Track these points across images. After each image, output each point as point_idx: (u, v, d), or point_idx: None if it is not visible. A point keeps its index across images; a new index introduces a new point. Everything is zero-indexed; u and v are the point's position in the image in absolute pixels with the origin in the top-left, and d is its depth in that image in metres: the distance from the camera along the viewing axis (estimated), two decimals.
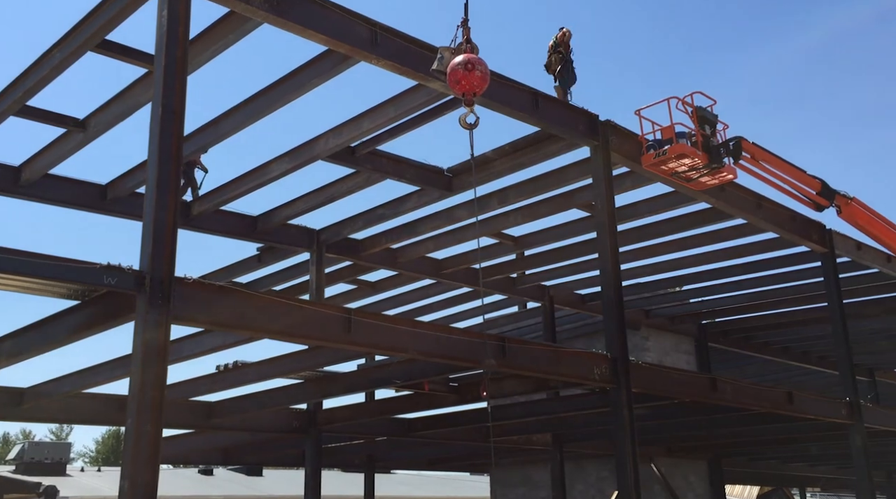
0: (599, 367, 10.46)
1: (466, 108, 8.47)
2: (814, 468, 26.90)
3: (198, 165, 13.63)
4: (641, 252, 16.32)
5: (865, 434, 14.44)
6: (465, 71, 8.28)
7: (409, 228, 15.32)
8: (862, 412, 14.57)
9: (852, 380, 14.88)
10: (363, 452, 19.75)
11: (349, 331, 8.44)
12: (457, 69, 8.35)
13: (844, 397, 14.68)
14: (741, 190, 13.61)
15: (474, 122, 8.47)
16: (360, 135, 11.29)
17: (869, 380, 25.43)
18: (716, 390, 12.26)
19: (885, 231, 13.68)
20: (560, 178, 13.08)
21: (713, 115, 11.97)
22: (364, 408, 15.57)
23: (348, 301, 18.96)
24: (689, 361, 21.47)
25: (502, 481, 23.59)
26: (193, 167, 13.70)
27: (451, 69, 8.42)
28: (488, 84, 8.48)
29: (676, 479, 20.60)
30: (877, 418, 15.22)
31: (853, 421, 14.42)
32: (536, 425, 16.21)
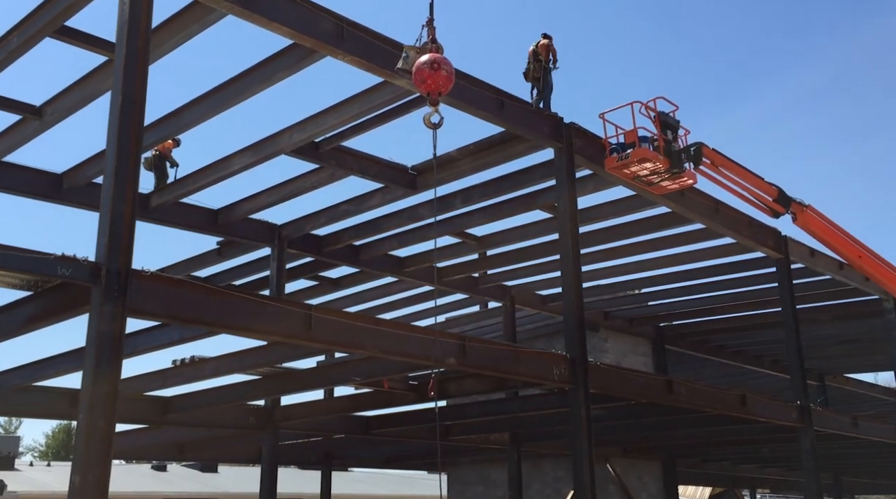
0: (558, 367, 10.55)
1: (431, 108, 8.47)
2: (764, 470, 27.47)
3: (168, 159, 13.49)
4: (602, 254, 16.48)
5: (814, 437, 14.79)
6: (430, 70, 8.28)
7: (373, 226, 15.27)
8: (811, 416, 14.90)
9: (803, 384, 15.22)
10: (320, 449, 19.65)
11: (309, 328, 8.39)
12: (423, 68, 8.35)
13: (795, 401, 15.01)
14: (700, 195, 13.83)
15: (438, 121, 8.48)
16: (324, 130, 11.22)
17: (819, 384, 26.06)
18: (671, 392, 12.45)
19: (838, 239, 14.00)
20: (524, 179, 13.15)
21: (675, 121, 12.13)
22: (322, 405, 15.47)
23: (309, 298, 18.83)
24: (646, 362, 21.76)
25: (459, 480, 23.66)
26: (165, 160, 13.55)
27: (417, 68, 8.42)
28: (453, 84, 8.50)
29: (631, 479, 20.87)
30: (825, 421, 15.59)
31: (803, 424, 14.75)
32: (495, 425, 16.28)
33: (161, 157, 13.43)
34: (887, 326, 18.44)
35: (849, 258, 14.18)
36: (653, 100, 11.83)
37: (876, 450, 19.38)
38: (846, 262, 14.91)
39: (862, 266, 14.12)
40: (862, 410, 28.17)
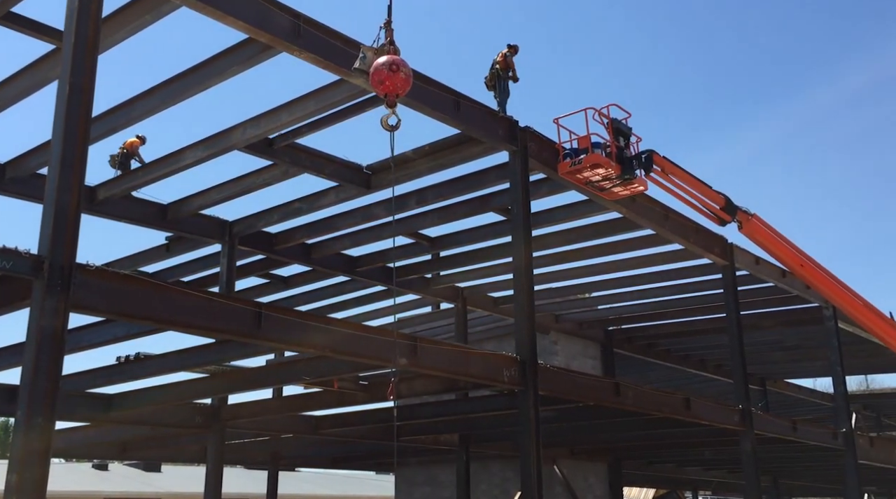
0: (509, 369, 10.62)
1: (388, 110, 8.46)
2: (707, 472, 28.05)
3: (136, 156, 13.25)
4: (554, 258, 16.64)
5: (755, 440, 15.16)
6: (389, 72, 8.27)
7: (326, 224, 15.17)
8: (752, 420, 15.27)
9: (745, 388, 15.58)
10: (268, 449, 19.44)
11: (259, 326, 8.30)
12: (381, 69, 8.33)
13: (737, 405, 15.36)
14: (651, 202, 14.07)
15: (396, 123, 8.47)
16: (278, 127, 11.10)
17: (760, 389, 26.74)
18: (619, 395, 12.63)
19: (782, 248, 14.37)
20: (478, 181, 13.21)
21: (627, 128, 12.33)
22: (271, 404, 15.31)
23: (259, 296, 18.61)
24: (594, 365, 22.04)
25: (407, 480, 23.64)
26: (131, 158, 13.32)
27: (375, 69, 8.39)
28: (411, 87, 8.51)
29: (577, 480, 21.11)
30: (766, 425, 15.99)
31: (744, 427, 15.10)
32: (444, 426, 16.31)
33: (127, 155, 13.20)
34: (826, 333, 19.00)
35: (791, 266, 14.57)
36: (606, 107, 12.02)
37: (813, 453, 19.95)
38: (789, 270, 15.32)
39: (804, 274, 14.51)
40: (801, 414, 28.99)
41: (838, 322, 18.64)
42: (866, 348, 21.28)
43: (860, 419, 29.46)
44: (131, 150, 13.08)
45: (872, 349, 20.98)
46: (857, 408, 30.64)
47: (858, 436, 18.85)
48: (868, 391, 48.80)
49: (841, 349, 18.76)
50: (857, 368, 27.93)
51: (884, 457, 19.89)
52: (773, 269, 17.08)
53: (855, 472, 18.07)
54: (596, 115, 11.90)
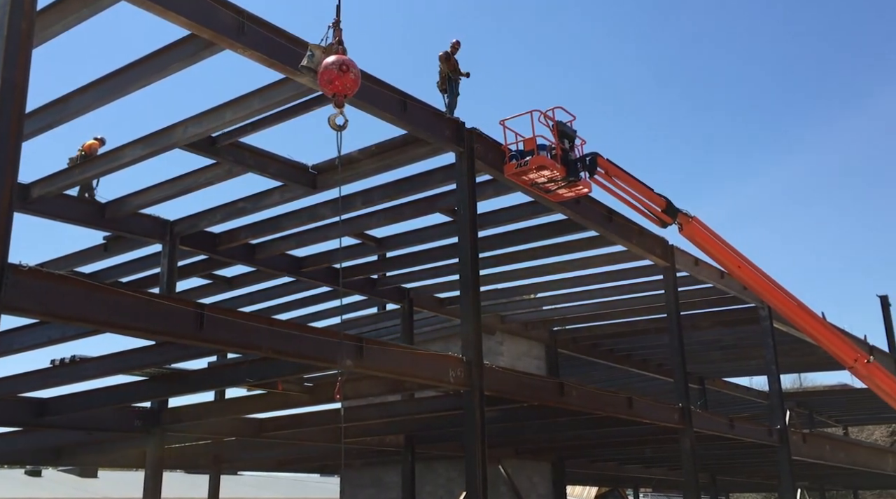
0: (455, 370, 10.64)
1: (336, 110, 8.42)
2: (647, 470, 28.60)
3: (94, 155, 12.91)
4: (500, 259, 16.76)
5: (694, 438, 15.51)
6: (339, 72, 8.23)
7: (271, 224, 14.98)
8: (692, 418, 15.63)
9: (685, 387, 15.93)
10: (209, 452, 19.10)
11: (201, 327, 8.15)
12: (330, 69, 8.28)
13: (677, 403, 15.70)
14: (595, 203, 14.29)
15: (343, 124, 8.45)
16: (221, 125, 10.91)
17: (699, 388, 27.38)
18: (563, 395, 12.78)
19: (720, 250, 14.73)
20: (425, 182, 13.21)
21: (572, 130, 12.49)
22: (213, 407, 15.03)
23: (202, 296, 18.28)
24: (539, 366, 22.26)
25: (352, 483, 23.51)
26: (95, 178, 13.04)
27: (325, 69, 8.33)
28: (359, 87, 8.49)
29: (522, 479, 21.30)
30: (705, 423, 16.38)
31: (684, 426, 15.44)
32: (390, 427, 16.27)
33: (86, 157, 12.82)
34: (762, 332, 19.56)
35: (729, 268, 14.95)
36: (551, 109, 12.15)
37: (749, 450, 20.51)
38: (727, 271, 15.71)
39: (741, 276, 14.90)
40: (737, 412, 29.77)
41: (773, 322, 19.20)
42: (800, 348, 21.98)
43: (794, 417, 30.43)
44: (90, 152, 12.71)
45: (806, 348, 21.67)
46: (791, 406, 31.66)
47: (792, 433, 19.44)
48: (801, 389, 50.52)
49: (776, 348, 19.32)
50: (791, 366, 28.85)
51: (816, 453, 20.57)
52: (711, 270, 17.51)
53: (789, 468, 18.64)
54: (541, 117, 12.02)
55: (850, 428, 44.90)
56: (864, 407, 34.86)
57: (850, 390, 36.63)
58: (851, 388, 36.62)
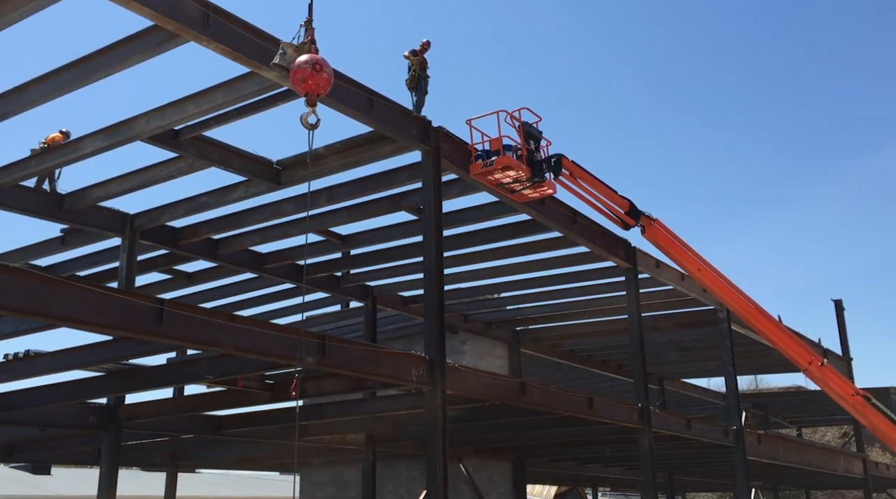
0: (417, 368, 10.64)
1: (308, 108, 8.41)
2: (606, 469, 28.89)
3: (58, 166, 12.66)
4: (464, 258, 16.79)
5: (653, 438, 15.70)
6: (312, 71, 8.21)
7: (233, 220, 14.81)
8: (651, 418, 15.82)
9: (644, 387, 16.13)
10: (167, 450, 18.84)
11: (160, 323, 8.03)
12: (304, 68, 8.26)
13: (637, 404, 15.88)
14: (559, 205, 14.39)
15: (316, 122, 8.45)
16: (184, 118, 10.76)
17: (659, 388, 27.74)
18: (524, 394, 12.85)
19: (681, 252, 14.93)
20: (390, 180, 13.18)
21: (538, 132, 12.56)
22: (171, 404, 14.81)
23: (161, 292, 18.01)
24: (502, 365, 22.35)
25: (312, 481, 23.35)
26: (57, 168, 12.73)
27: (298, 67, 8.30)
28: (332, 87, 8.47)
29: (482, 478, 21.36)
30: (663, 423, 16.59)
31: (643, 425, 15.63)
32: (351, 425, 16.20)
33: (49, 150, 12.53)
34: (720, 334, 19.89)
35: (690, 270, 15.16)
36: (518, 110, 12.20)
37: (706, 450, 20.83)
38: (687, 274, 15.93)
39: (701, 278, 15.12)
40: (695, 412, 30.22)
41: (731, 325, 19.53)
42: (756, 350, 22.39)
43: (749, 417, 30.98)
44: (52, 145, 12.44)
45: (762, 350, 22.09)
46: (747, 407, 32.25)
47: (748, 433, 19.80)
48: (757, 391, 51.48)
49: (733, 350, 19.65)
50: (748, 368, 29.36)
51: (770, 453, 20.97)
52: (672, 272, 17.75)
53: (744, 467, 18.97)
54: (508, 118, 12.07)
55: (804, 429, 45.88)
56: (817, 409, 35.66)
57: (804, 391, 37.43)
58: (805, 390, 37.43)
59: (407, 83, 11.98)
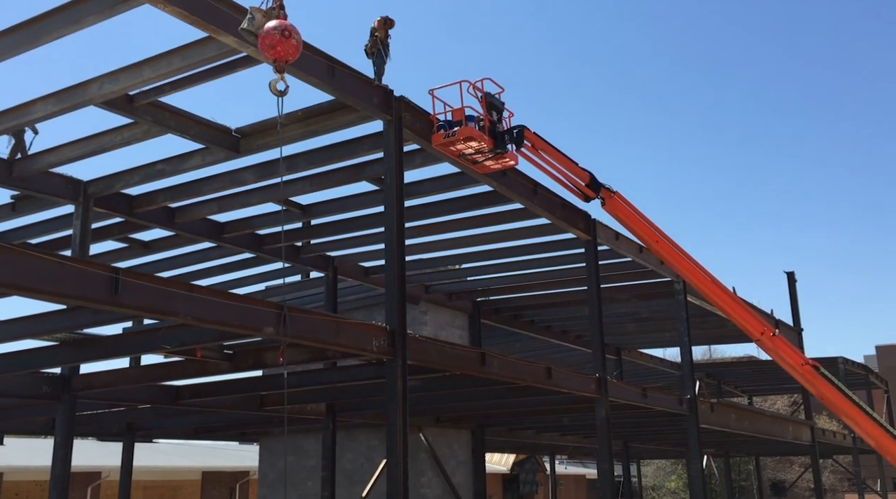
0: (378, 338, 10.65)
1: (277, 75, 8.30)
2: (564, 438, 29.42)
3: (29, 125, 12.19)
4: (425, 229, 16.76)
5: (609, 407, 15.99)
6: (280, 37, 8.06)
7: (191, 188, 14.56)
8: (607, 387, 16.10)
9: (602, 358, 16.38)
10: (123, 419, 18.66)
11: (115, 292, 7.89)
12: (272, 34, 8.10)
13: (595, 374, 16.14)
14: (521, 176, 14.41)
15: (285, 89, 8.37)
16: (140, 83, 10.48)
17: (616, 358, 28.22)
18: (484, 364, 12.95)
19: (640, 224, 15.10)
20: (351, 149, 13.05)
21: (501, 103, 12.52)
22: (127, 374, 14.64)
23: (117, 260, 17.69)
24: (462, 335, 22.50)
25: (272, 450, 23.39)
26: (24, 127, 12.26)
27: (266, 33, 8.14)
28: (300, 54, 8.35)
29: (441, 447, 21.60)
30: (619, 392, 16.90)
31: (600, 395, 15.90)
32: (312, 395, 16.20)
33: None
34: (676, 306, 20.25)
35: (648, 243, 15.35)
36: (480, 80, 12.13)
37: (661, 418, 21.31)
38: (645, 246, 16.13)
39: (658, 250, 15.33)
40: (651, 382, 30.89)
41: (687, 296, 19.89)
42: (711, 321, 22.87)
43: (703, 387, 31.74)
44: None
45: (716, 321, 22.57)
46: (701, 376, 33.07)
47: (701, 402, 20.28)
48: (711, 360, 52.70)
49: (689, 321, 20.04)
50: (702, 338, 30.06)
51: (722, 421, 21.53)
52: (631, 244, 17.96)
53: (697, 435, 19.46)
54: (470, 88, 12.00)
55: (755, 398, 47.19)
56: (768, 378, 36.68)
57: (756, 361, 38.43)
58: (757, 359, 38.43)
59: (367, 49, 11.80)
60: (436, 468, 21.08)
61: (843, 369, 31.47)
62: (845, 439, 33.18)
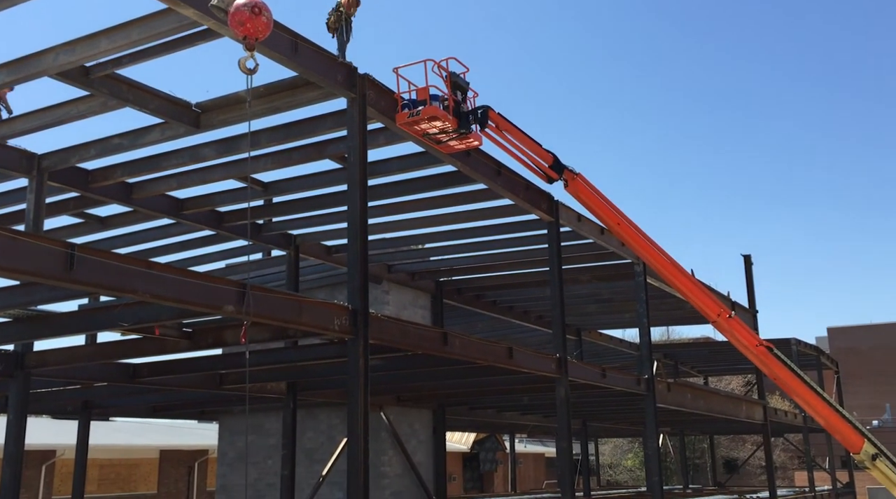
0: (340, 318, 10.62)
1: (246, 52, 8.18)
2: (524, 417, 29.74)
3: (2, 101, 11.77)
4: (388, 208, 16.70)
5: (569, 387, 16.20)
6: (250, 14, 7.93)
7: (149, 163, 14.28)
8: (567, 367, 16.29)
9: (563, 338, 16.55)
10: (79, 397, 18.38)
11: (71, 268, 7.73)
12: (242, 10, 7.97)
13: (555, 354, 16.31)
14: (484, 157, 14.41)
15: (254, 67, 8.26)
16: (97, 54, 10.22)
17: (576, 339, 28.54)
18: (446, 344, 13.01)
19: (602, 206, 15.20)
20: (315, 126, 12.91)
21: (465, 82, 12.47)
22: (83, 351, 14.41)
23: (73, 236, 17.32)
24: (424, 315, 22.53)
25: (231, 429, 23.26)
26: None
27: (236, 9, 8.00)
28: (271, 31, 8.23)
29: (402, 426, 21.69)
30: (579, 372, 17.12)
31: (560, 375, 16.08)
32: (272, 374, 16.13)
33: None
34: (636, 287, 20.52)
35: (609, 224, 15.48)
36: (445, 59, 12.07)
37: (619, 398, 21.64)
38: (607, 228, 16.26)
39: (620, 232, 15.47)
40: (610, 362, 31.33)
41: (647, 278, 20.16)
42: (669, 302, 23.22)
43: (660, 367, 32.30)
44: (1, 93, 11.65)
45: (674, 303, 22.93)
46: (659, 357, 33.65)
47: (658, 382, 20.64)
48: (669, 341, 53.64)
49: (648, 303, 20.33)
50: (661, 320, 30.49)
51: (678, 401, 21.94)
52: (593, 226, 18.12)
53: (654, 414, 19.82)
54: (435, 67, 11.93)
55: (710, 378, 48.18)
56: (723, 359, 37.45)
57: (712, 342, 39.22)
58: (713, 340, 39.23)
59: (329, 24, 11.63)
60: (396, 447, 21.18)
61: (795, 351, 32.24)
62: (796, 419, 34.08)
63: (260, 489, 21.98)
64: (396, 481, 21.13)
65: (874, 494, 47.25)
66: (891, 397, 74.49)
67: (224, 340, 12.03)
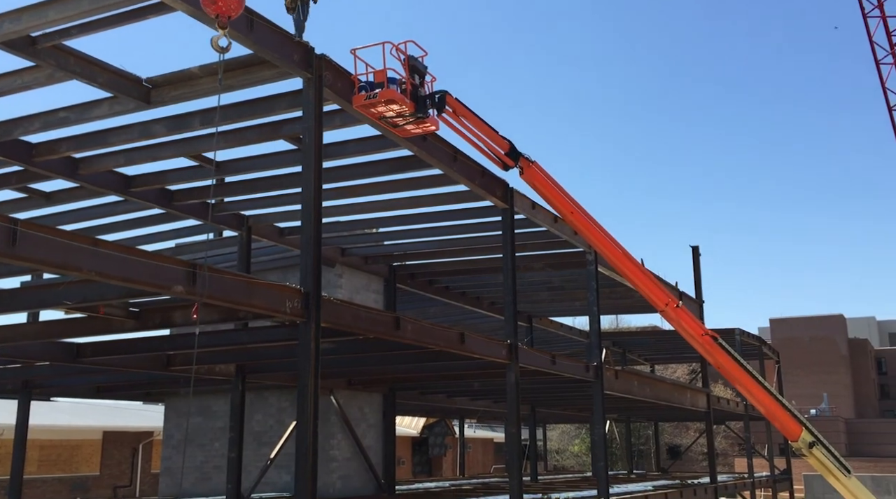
0: (291, 300, 10.53)
1: (219, 31, 8.01)
2: (474, 402, 29.98)
3: None
4: (343, 191, 16.58)
5: (519, 373, 16.36)
6: None
7: (97, 138, 13.90)
8: (518, 354, 16.45)
9: (514, 325, 16.69)
10: (19, 377, 17.93)
11: (13, 244, 7.51)
12: None
13: (506, 340, 16.44)
14: (441, 142, 14.39)
15: (227, 45, 8.09)
16: (44, 24, 9.89)
17: (527, 325, 28.82)
18: (398, 329, 13.01)
19: (557, 195, 15.35)
20: (269, 106, 12.70)
21: (423, 66, 12.42)
22: (24, 329, 14.01)
23: (15, 211, 16.80)
24: (377, 300, 22.49)
25: (178, 411, 22.96)
26: None
27: None
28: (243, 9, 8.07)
29: (352, 410, 21.66)
30: (529, 358, 17.30)
31: (511, 361, 16.23)
32: (221, 355, 15.94)
33: None
34: (588, 276, 20.78)
35: (563, 213, 15.64)
36: (403, 42, 11.99)
37: (568, 384, 21.95)
38: (560, 216, 16.42)
39: (573, 221, 15.64)
40: (560, 349, 31.72)
41: (598, 267, 20.42)
42: (619, 291, 23.58)
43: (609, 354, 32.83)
44: None
45: (624, 292, 23.29)
46: (607, 344, 34.23)
47: (606, 369, 20.98)
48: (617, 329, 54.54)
49: (598, 291, 20.61)
50: (610, 308, 31.00)
51: (625, 388, 22.35)
52: (546, 214, 18.26)
53: (601, 401, 20.15)
54: (393, 50, 11.85)
55: (657, 366, 49.18)
56: (670, 347, 38.27)
57: (660, 331, 39.95)
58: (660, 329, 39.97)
59: (287, 3, 11.45)
60: (346, 431, 21.15)
61: (739, 340, 33.06)
62: (738, 407, 35.01)
63: (207, 472, 21.76)
64: (345, 465, 21.12)
65: (810, 480, 48.90)
66: (828, 386, 77.02)
67: (172, 320, 11.83)
